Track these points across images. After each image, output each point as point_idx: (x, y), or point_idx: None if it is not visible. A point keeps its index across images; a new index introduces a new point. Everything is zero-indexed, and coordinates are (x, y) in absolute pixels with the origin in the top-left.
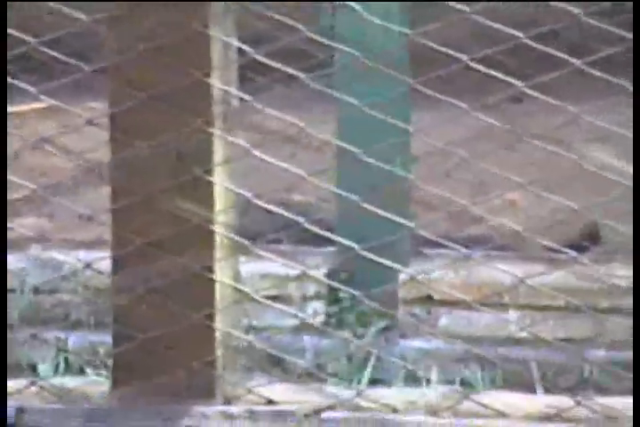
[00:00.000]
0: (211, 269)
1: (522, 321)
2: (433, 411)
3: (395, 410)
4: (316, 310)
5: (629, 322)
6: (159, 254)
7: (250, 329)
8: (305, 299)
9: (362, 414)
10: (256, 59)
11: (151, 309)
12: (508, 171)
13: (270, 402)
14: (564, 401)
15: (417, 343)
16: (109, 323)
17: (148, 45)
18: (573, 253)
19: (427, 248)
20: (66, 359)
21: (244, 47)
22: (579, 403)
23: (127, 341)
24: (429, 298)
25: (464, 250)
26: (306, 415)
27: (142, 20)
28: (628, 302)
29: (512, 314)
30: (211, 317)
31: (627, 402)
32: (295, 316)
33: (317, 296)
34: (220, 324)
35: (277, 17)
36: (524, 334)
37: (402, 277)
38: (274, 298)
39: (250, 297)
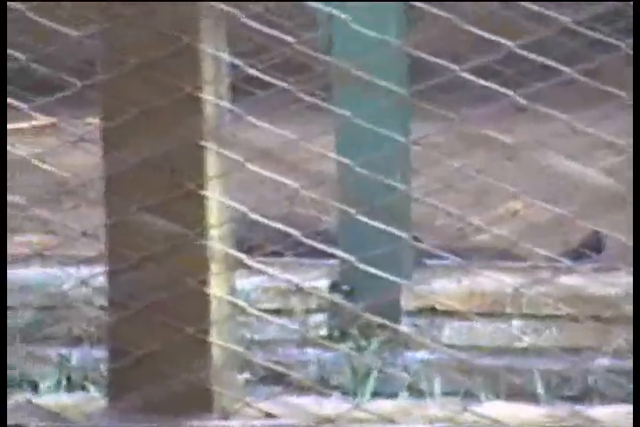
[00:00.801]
0: (205, 284)
1: (525, 331)
2: (431, 422)
3: (393, 422)
4: (318, 323)
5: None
6: (154, 269)
7: (252, 343)
8: (307, 312)
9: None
10: (252, 72)
11: (146, 324)
12: (510, 180)
13: (269, 416)
14: (562, 411)
15: (420, 355)
16: None
17: (139, 60)
18: (572, 263)
19: (429, 259)
20: (68, 376)
21: (237, 61)
22: (576, 413)
23: (122, 356)
24: (432, 309)
25: (466, 260)
26: None
27: (133, 34)
28: (631, 310)
29: (515, 324)
30: (205, 331)
31: (627, 410)
32: (298, 329)
33: (320, 309)
34: (215, 338)
35: (268, 29)
36: (526, 344)
37: (404, 288)
38: (276, 311)
39: (250, 310)
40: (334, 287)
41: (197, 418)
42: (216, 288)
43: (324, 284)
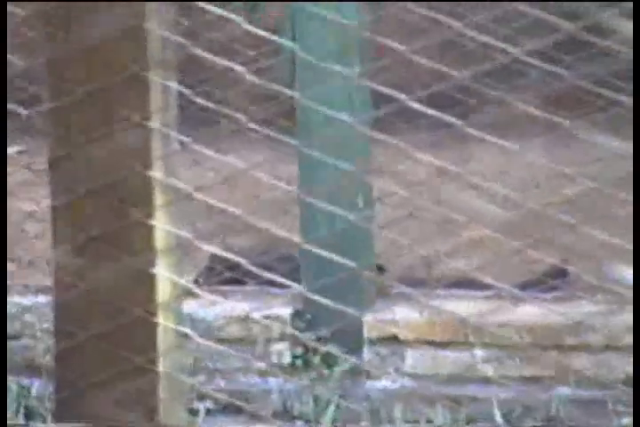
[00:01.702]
0: (153, 312)
1: (487, 360)
2: None
3: None
4: (281, 352)
5: (595, 359)
6: (101, 298)
7: (215, 372)
8: (270, 341)
9: None
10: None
11: (93, 353)
12: (474, 209)
13: None
14: None
15: (383, 384)
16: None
17: (87, 88)
18: (535, 292)
19: (392, 288)
20: (27, 406)
21: (184, 91)
22: None
23: (69, 386)
24: (394, 338)
25: (429, 289)
26: None
27: (81, 62)
28: (594, 338)
29: (478, 353)
30: (153, 361)
31: None
32: (261, 358)
33: (282, 338)
34: (162, 367)
35: (224, 60)
36: (490, 373)
37: (367, 317)
38: (238, 340)
39: (214, 338)
40: (297, 316)
41: None
42: (163, 317)
43: (286, 312)
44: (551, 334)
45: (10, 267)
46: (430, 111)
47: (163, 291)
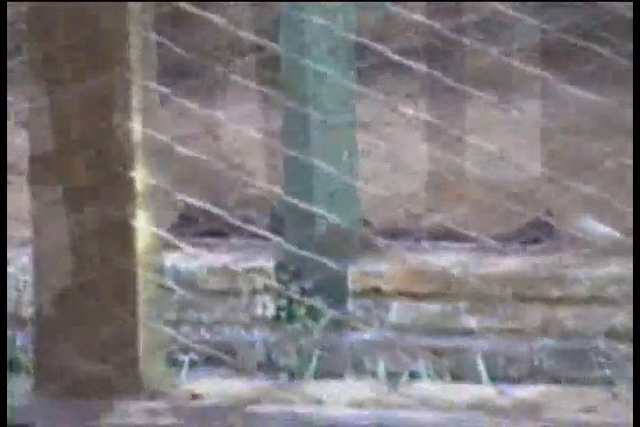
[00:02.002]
0: (133, 264)
1: (471, 312)
2: (358, 404)
3: (319, 403)
4: (265, 304)
5: (579, 310)
6: (80, 250)
7: (199, 323)
8: (254, 292)
9: (284, 408)
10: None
11: (74, 303)
12: (458, 163)
13: (195, 397)
14: (490, 391)
15: (366, 336)
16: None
17: (68, 41)
18: (520, 244)
19: (376, 240)
20: (12, 358)
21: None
22: (501, 393)
23: (49, 339)
24: (378, 290)
25: (415, 241)
26: (231, 409)
27: (62, 14)
28: (578, 290)
29: (461, 305)
30: (133, 312)
31: (557, 389)
32: (245, 310)
33: (266, 289)
34: (143, 319)
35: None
36: (473, 325)
37: (351, 269)
38: (223, 292)
39: (199, 291)
40: (281, 268)
41: (125, 399)
42: (144, 269)
43: (269, 265)
44: (535, 286)
45: None
46: (412, 63)
47: (142, 242)
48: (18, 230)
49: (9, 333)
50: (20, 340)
